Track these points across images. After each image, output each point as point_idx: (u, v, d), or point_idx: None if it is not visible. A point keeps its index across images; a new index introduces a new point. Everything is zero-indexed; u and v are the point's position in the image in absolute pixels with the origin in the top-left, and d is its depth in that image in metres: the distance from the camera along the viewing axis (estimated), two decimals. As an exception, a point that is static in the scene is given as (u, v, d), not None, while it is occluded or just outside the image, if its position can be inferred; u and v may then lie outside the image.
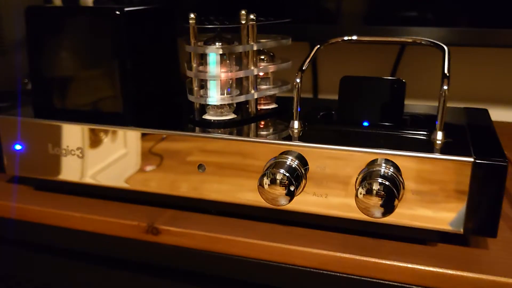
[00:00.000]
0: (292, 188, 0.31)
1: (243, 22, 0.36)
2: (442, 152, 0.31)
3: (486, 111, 0.41)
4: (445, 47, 0.36)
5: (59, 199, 0.39)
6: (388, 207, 0.30)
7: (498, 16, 0.48)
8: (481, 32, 0.49)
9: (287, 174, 0.31)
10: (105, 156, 0.37)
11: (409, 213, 0.31)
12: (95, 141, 0.37)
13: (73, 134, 0.37)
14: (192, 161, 0.35)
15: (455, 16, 0.50)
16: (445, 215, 0.31)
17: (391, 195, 0.29)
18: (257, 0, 0.50)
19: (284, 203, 0.32)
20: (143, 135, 0.36)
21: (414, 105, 0.43)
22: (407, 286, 0.31)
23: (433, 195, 0.31)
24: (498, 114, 0.62)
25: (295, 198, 0.32)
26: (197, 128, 0.36)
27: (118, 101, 0.38)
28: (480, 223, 0.30)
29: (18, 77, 0.60)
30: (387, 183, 0.29)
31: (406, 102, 0.37)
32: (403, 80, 0.36)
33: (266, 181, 0.31)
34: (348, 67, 0.64)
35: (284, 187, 0.31)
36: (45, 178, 0.39)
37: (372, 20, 0.52)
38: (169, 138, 0.35)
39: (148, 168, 0.36)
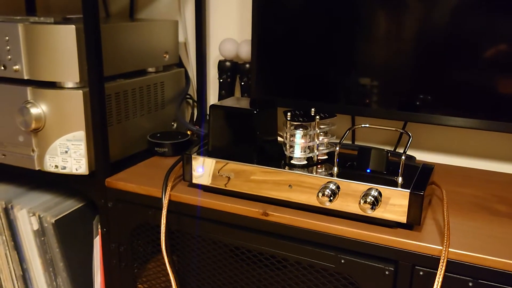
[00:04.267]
0: (331, 198, 0.71)
1: (312, 115, 0.77)
2: (399, 186, 0.70)
3: (433, 165, 0.79)
4: (410, 135, 0.75)
5: (218, 196, 0.81)
6: (373, 209, 0.69)
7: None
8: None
9: (330, 192, 0.71)
10: (241, 178, 0.78)
11: (383, 212, 0.70)
12: (238, 170, 0.78)
13: (227, 166, 0.78)
14: (286, 182, 0.75)
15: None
16: (399, 214, 0.69)
17: (374, 203, 0.69)
18: (318, 97, 0.91)
19: (328, 205, 0.72)
20: (263, 169, 0.76)
21: (397, 157, 0.81)
22: (383, 245, 0.70)
23: (394, 205, 0.70)
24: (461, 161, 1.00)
25: (333, 202, 0.72)
26: (287, 167, 0.77)
27: (251, 151, 0.79)
28: (412, 217, 0.69)
29: (201, 134, 1.02)
30: (373, 198, 0.69)
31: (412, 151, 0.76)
32: (387, 150, 0.75)
33: (320, 194, 0.71)
34: (375, 131, 1.04)
35: (328, 197, 0.71)
36: (210, 186, 0.81)
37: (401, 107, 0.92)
38: (275, 171, 0.76)
39: (264, 185, 0.77)
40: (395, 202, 0.69)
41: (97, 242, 0.95)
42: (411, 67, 0.89)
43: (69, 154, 0.88)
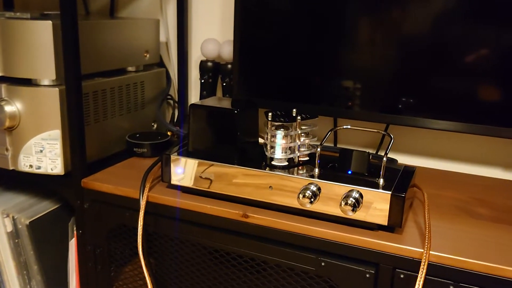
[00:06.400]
0: (312, 200, 0.70)
1: (293, 116, 0.76)
2: (380, 188, 0.69)
3: (415, 167, 0.78)
4: (391, 136, 0.74)
5: (197, 198, 0.79)
6: (354, 211, 0.68)
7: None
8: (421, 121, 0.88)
9: (310, 193, 0.70)
10: (221, 179, 0.76)
11: (364, 215, 0.69)
12: (219, 172, 0.77)
13: (207, 167, 0.77)
14: (266, 184, 0.74)
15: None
16: (380, 217, 0.69)
17: (355, 205, 0.68)
18: (300, 99, 0.90)
19: (308, 207, 0.71)
20: (244, 170, 0.75)
21: (379, 159, 0.81)
22: (363, 248, 0.69)
23: (375, 207, 0.69)
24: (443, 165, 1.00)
25: (314, 204, 0.71)
26: (268, 168, 0.75)
27: (231, 151, 0.77)
28: (393, 219, 0.68)
29: (181, 134, 1.01)
30: (354, 200, 0.68)
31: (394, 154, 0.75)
32: (369, 152, 0.74)
33: (301, 196, 0.70)
34: (357, 133, 1.04)
35: (309, 199, 0.70)
36: (190, 187, 0.79)
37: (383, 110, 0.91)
38: (256, 172, 0.74)
39: (244, 186, 0.75)
40: (376, 204, 0.68)
41: (73, 244, 0.93)
42: (393, 70, 0.89)
43: (44, 154, 0.86)
